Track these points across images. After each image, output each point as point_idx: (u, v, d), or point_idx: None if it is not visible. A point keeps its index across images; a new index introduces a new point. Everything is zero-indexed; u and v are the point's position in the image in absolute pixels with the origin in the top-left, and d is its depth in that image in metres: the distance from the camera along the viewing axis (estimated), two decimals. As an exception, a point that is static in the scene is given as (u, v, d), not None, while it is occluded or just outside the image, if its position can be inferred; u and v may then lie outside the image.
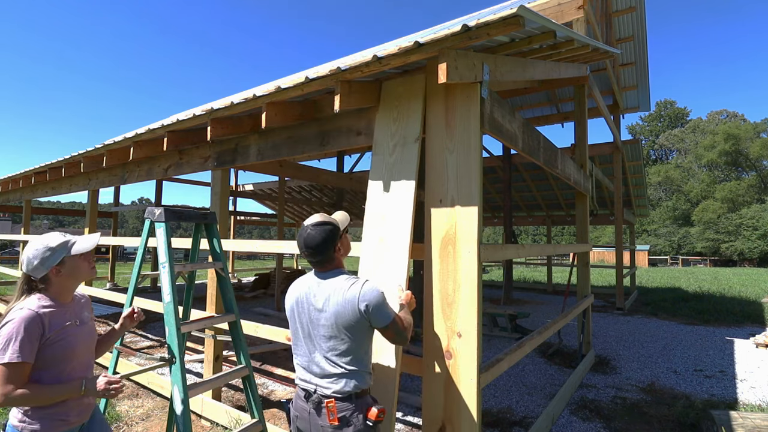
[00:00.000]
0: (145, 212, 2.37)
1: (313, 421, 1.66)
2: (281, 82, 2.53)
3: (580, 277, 5.16)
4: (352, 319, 1.62)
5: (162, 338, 6.27)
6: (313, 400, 1.67)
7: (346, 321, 1.62)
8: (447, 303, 2.18)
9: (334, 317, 1.63)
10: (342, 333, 1.64)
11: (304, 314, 1.73)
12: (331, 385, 1.65)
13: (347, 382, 1.64)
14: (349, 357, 1.65)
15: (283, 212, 9.94)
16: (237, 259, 46.24)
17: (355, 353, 1.66)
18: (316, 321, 1.69)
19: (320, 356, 1.68)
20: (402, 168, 2.32)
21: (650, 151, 60.99)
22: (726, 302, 10.08)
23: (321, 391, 1.66)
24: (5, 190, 7.65)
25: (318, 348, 1.69)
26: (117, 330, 1.99)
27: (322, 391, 1.66)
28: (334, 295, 1.65)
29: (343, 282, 1.67)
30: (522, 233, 54.08)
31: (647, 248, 37.48)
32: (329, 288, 1.68)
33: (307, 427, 1.70)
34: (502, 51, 2.42)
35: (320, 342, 1.68)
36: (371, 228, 2.36)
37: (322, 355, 1.67)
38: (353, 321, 1.62)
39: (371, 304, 1.61)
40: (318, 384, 1.68)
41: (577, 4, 4.23)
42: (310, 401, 1.68)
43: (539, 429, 3.07)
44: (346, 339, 1.64)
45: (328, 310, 1.65)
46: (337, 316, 1.63)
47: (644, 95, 8.79)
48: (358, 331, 1.65)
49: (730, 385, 4.53)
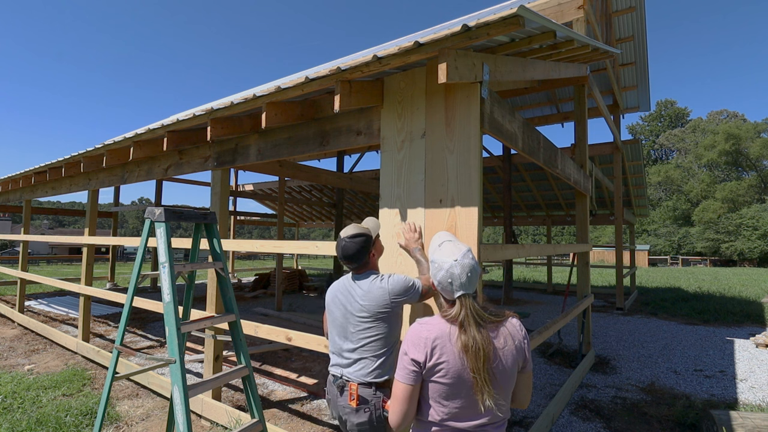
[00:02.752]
0: (145, 212, 2.37)
1: (338, 403, 1.87)
2: (281, 82, 2.53)
3: (580, 277, 5.16)
4: (383, 309, 1.83)
5: (162, 338, 6.27)
6: (338, 384, 1.88)
7: (377, 312, 1.83)
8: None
9: (367, 310, 1.84)
10: (371, 324, 1.84)
11: (338, 309, 1.95)
12: (356, 371, 1.84)
13: (371, 371, 1.82)
14: (376, 348, 1.84)
15: (283, 212, 9.94)
16: (237, 259, 46.27)
17: (382, 344, 1.85)
18: (350, 314, 1.89)
19: (349, 346, 1.88)
20: (411, 165, 2.35)
21: (650, 151, 60.99)
22: (726, 302, 10.07)
23: (347, 376, 1.86)
24: (5, 190, 7.65)
25: (348, 339, 1.89)
26: None
27: (348, 377, 1.85)
28: (367, 290, 1.88)
29: (373, 279, 1.90)
30: (522, 233, 54.11)
31: (647, 248, 37.50)
32: (363, 286, 1.90)
33: (335, 409, 1.90)
34: (502, 51, 2.42)
35: (350, 333, 1.88)
36: (387, 227, 2.41)
37: (351, 346, 1.88)
38: (383, 310, 1.83)
39: (396, 287, 1.85)
40: (345, 371, 1.88)
41: (577, 4, 4.23)
42: (336, 385, 1.89)
43: (539, 429, 3.07)
44: (375, 329, 1.84)
45: (361, 303, 1.86)
46: (369, 309, 1.84)
47: (644, 95, 8.78)
48: (386, 321, 1.85)
49: (730, 385, 4.53)
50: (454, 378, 1.36)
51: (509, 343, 1.42)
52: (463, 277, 1.45)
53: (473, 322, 1.39)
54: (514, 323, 1.47)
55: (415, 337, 1.43)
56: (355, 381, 1.81)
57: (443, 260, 1.50)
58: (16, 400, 3.83)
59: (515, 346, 1.43)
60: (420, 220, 2.29)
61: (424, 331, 1.43)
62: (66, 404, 3.69)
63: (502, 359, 1.39)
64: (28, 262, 7.65)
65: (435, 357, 1.37)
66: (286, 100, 2.69)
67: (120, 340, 2.39)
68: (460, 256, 1.50)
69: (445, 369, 1.37)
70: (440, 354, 1.37)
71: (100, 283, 12.58)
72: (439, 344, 1.38)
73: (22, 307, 7.39)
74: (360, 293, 1.88)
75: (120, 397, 3.98)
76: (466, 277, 1.45)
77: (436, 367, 1.37)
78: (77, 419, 3.41)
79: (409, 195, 2.34)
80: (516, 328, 1.47)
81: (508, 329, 1.44)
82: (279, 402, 3.90)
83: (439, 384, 1.38)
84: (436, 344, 1.39)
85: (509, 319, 1.48)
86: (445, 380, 1.37)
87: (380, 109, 2.53)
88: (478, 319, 1.40)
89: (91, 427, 3.31)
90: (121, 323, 2.40)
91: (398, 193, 2.39)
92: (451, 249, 1.53)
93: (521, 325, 1.51)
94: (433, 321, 1.47)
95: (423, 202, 2.29)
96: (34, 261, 28.31)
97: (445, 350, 1.37)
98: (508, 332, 1.44)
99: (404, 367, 1.42)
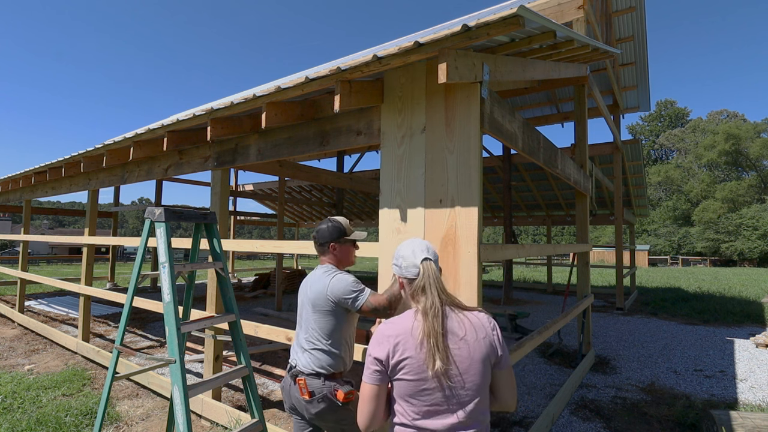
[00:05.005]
0: (145, 212, 2.37)
1: (291, 393, 1.93)
2: (281, 82, 2.53)
3: (580, 277, 5.16)
4: (324, 303, 1.89)
5: (162, 338, 6.27)
6: (292, 374, 1.94)
7: (319, 304, 1.90)
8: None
9: (312, 301, 1.92)
10: (317, 315, 1.90)
11: (300, 299, 2.04)
12: (305, 361, 1.90)
13: (318, 360, 1.88)
14: (323, 339, 1.89)
15: (283, 212, 9.94)
16: (237, 259, 46.27)
17: (329, 337, 1.89)
18: (305, 303, 1.97)
19: (302, 337, 1.95)
20: (411, 160, 2.35)
21: (650, 151, 60.98)
22: (726, 302, 10.07)
23: (299, 366, 1.92)
24: (5, 190, 7.65)
25: (302, 327, 1.96)
26: None
27: (300, 367, 1.91)
28: (316, 281, 1.95)
29: (324, 272, 1.97)
30: (522, 233, 54.10)
31: (647, 248, 37.49)
32: (316, 276, 1.98)
33: (288, 398, 1.96)
34: (502, 51, 2.42)
35: (304, 324, 1.96)
36: (387, 222, 2.43)
37: (303, 336, 1.94)
38: (325, 305, 1.89)
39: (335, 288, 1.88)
40: (298, 360, 1.94)
41: (577, 4, 4.23)
42: (290, 374, 1.95)
43: (539, 429, 3.07)
44: (321, 321, 1.90)
45: (310, 294, 1.95)
46: (314, 300, 1.91)
47: (644, 95, 8.78)
48: (332, 316, 1.89)
49: (730, 385, 4.53)
50: (417, 374, 1.35)
51: (472, 334, 1.40)
52: (423, 246, 1.56)
53: (434, 286, 1.43)
54: (481, 316, 1.46)
55: (378, 335, 1.43)
56: (305, 370, 1.88)
57: (401, 244, 1.63)
58: (16, 400, 3.83)
59: (481, 338, 1.41)
60: (420, 220, 2.29)
61: (387, 329, 1.43)
62: (66, 404, 3.69)
63: (463, 346, 1.37)
64: (28, 262, 7.65)
65: (398, 354, 1.37)
66: (286, 100, 2.69)
67: (120, 340, 2.39)
68: (419, 239, 1.64)
69: (408, 366, 1.35)
70: (402, 350, 1.37)
71: (100, 283, 12.58)
72: (402, 340, 1.38)
73: (22, 307, 7.39)
74: (311, 282, 1.97)
75: (120, 397, 3.98)
76: (426, 247, 1.56)
77: (399, 365, 1.37)
78: (77, 419, 3.41)
79: (409, 190, 2.35)
80: (483, 321, 1.45)
81: (471, 320, 1.43)
82: (279, 402, 3.90)
83: (404, 381, 1.37)
84: (399, 341, 1.38)
85: (476, 312, 1.47)
86: (409, 377, 1.36)
87: (380, 107, 2.53)
88: (440, 289, 1.44)
89: (91, 427, 3.32)
90: (121, 323, 2.40)
91: (398, 188, 2.39)
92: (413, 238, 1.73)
93: (490, 318, 1.49)
94: (398, 319, 1.46)
95: (423, 199, 2.29)
96: (34, 261, 28.32)
97: (407, 346, 1.37)
98: (471, 323, 1.42)
99: (368, 367, 1.42)
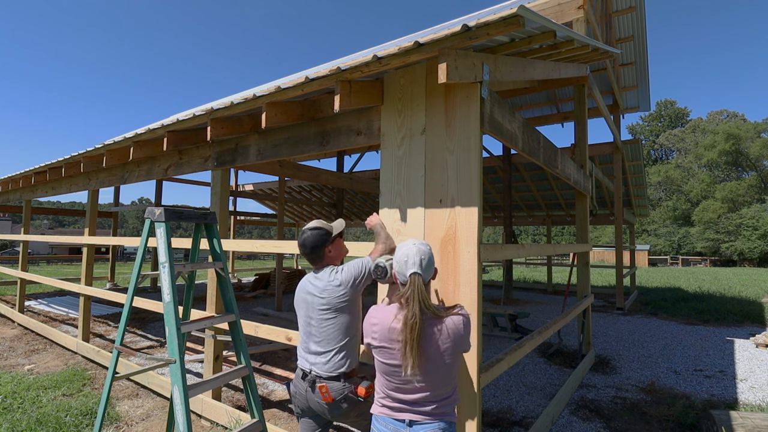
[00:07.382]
0: (145, 212, 2.37)
1: (309, 398, 1.93)
2: (281, 82, 2.53)
3: (580, 277, 5.16)
4: (341, 300, 1.92)
5: (162, 338, 6.27)
6: (309, 380, 1.94)
7: (336, 303, 1.93)
8: (447, 303, 2.18)
9: (327, 303, 1.93)
10: (332, 315, 1.93)
11: (302, 308, 2.03)
12: (323, 365, 1.92)
13: (337, 363, 1.91)
14: (339, 338, 1.92)
15: (283, 212, 9.94)
16: (237, 259, 46.28)
17: (344, 334, 1.93)
18: (312, 309, 1.98)
19: (314, 340, 1.96)
20: (411, 161, 2.35)
21: (650, 151, 60.96)
22: (726, 302, 10.07)
23: (315, 371, 1.93)
24: (5, 190, 7.65)
25: (313, 334, 1.97)
26: None
27: (317, 372, 1.92)
28: (326, 283, 1.97)
29: (330, 272, 2.01)
30: (522, 233, 54.09)
31: (647, 248, 37.49)
32: (323, 279, 1.99)
33: (305, 403, 1.97)
34: (502, 51, 2.42)
35: (314, 328, 1.97)
36: (387, 222, 2.42)
37: (316, 340, 1.96)
38: (342, 301, 1.92)
39: (349, 275, 1.94)
40: (313, 366, 1.95)
41: (577, 4, 4.23)
42: (306, 380, 1.95)
43: (539, 429, 3.07)
44: (336, 320, 1.93)
45: (320, 297, 1.95)
46: (329, 302, 1.93)
47: (644, 95, 8.78)
48: (346, 311, 1.93)
49: (730, 385, 4.53)
50: (390, 361, 1.62)
51: (446, 338, 1.60)
52: (416, 257, 1.66)
53: (417, 300, 1.58)
54: (457, 320, 1.64)
55: (365, 323, 1.74)
56: (324, 375, 1.91)
57: (402, 245, 1.75)
58: (16, 400, 3.83)
59: (456, 340, 1.62)
60: (420, 220, 2.29)
61: (372, 317, 1.72)
62: (66, 404, 3.69)
63: (436, 350, 1.58)
64: (28, 262, 7.65)
65: (376, 341, 1.67)
66: (286, 100, 2.69)
67: (120, 340, 2.39)
68: (418, 242, 1.73)
69: (384, 352, 1.64)
70: (380, 339, 1.65)
71: (100, 283, 12.58)
72: (379, 330, 1.66)
73: (22, 307, 7.39)
74: (320, 287, 1.98)
75: (120, 397, 3.98)
76: (419, 259, 1.66)
77: (376, 349, 1.67)
78: (77, 419, 3.41)
79: (409, 191, 2.35)
80: (458, 325, 1.63)
81: (448, 325, 1.62)
82: (279, 402, 3.90)
83: (381, 363, 1.66)
84: (377, 330, 1.67)
85: (453, 317, 1.64)
86: (385, 361, 1.64)
87: (380, 108, 2.53)
88: (422, 300, 1.59)
89: (91, 427, 3.32)
90: (121, 323, 2.40)
91: (398, 189, 2.39)
92: (413, 240, 1.79)
93: (467, 319, 1.68)
94: (381, 307, 1.73)
95: (423, 199, 2.29)
96: (34, 261, 28.31)
97: (383, 337, 1.64)
98: (447, 328, 1.61)
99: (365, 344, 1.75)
